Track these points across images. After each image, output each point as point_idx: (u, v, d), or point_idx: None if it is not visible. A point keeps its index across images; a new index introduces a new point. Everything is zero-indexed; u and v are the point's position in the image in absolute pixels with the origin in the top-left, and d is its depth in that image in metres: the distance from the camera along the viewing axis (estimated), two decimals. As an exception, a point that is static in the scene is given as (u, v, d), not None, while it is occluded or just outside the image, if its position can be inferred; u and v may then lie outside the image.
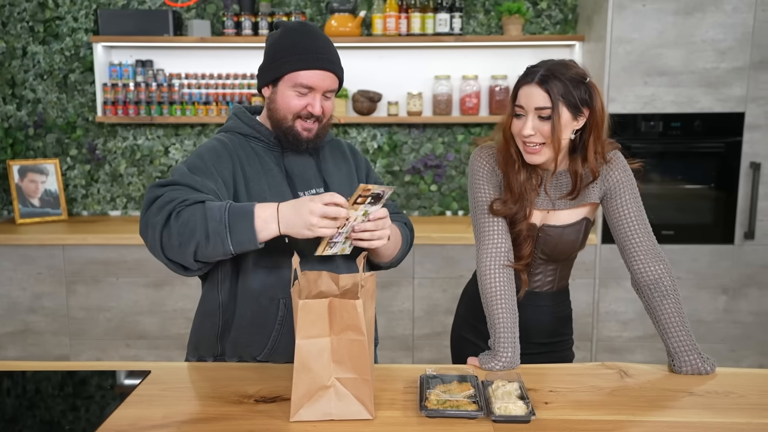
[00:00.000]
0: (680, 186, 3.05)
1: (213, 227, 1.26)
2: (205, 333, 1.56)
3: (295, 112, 1.46)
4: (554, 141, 1.45)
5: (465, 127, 3.43)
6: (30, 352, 3.11)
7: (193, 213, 1.28)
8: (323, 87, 1.46)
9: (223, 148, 1.46)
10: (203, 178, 1.38)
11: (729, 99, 2.91)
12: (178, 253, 1.30)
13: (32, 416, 1.31)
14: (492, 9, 3.34)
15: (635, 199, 1.56)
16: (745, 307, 3.05)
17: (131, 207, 3.52)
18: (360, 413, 1.24)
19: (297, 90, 1.45)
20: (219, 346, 1.54)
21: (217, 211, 1.27)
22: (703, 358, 1.48)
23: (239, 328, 1.51)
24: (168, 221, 1.29)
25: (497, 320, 1.51)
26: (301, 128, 1.48)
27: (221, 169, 1.43)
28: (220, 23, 3.35)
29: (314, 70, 1.44)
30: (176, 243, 1.29)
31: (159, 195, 1.33)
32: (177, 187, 1.35)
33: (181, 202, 1.30)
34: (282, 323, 1.49)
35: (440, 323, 3.06)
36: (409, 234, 1.69)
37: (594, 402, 1.34)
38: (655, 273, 1.52)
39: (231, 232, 1.27)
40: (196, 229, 1.27)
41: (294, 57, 1.44)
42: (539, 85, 1.44)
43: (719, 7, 2.84)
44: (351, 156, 1.65)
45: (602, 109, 1.48)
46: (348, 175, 1.61)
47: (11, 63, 3.39)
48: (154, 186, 1.36)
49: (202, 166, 1.41)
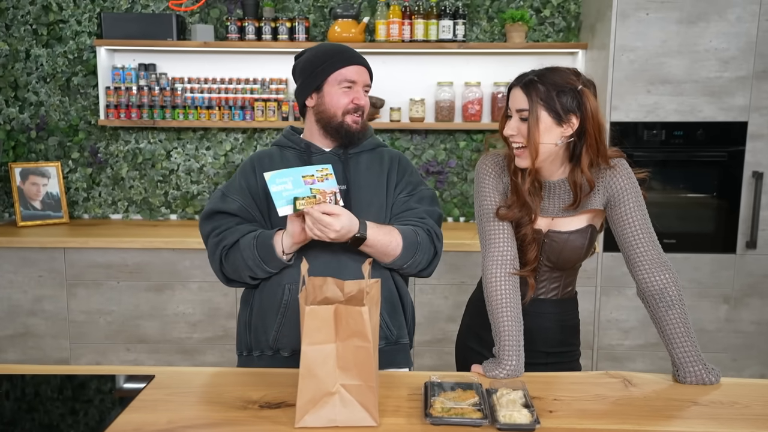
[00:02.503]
0: (682, 195, 3.05)
1: (252, 264, 1.62)
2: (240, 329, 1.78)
3: (344, 107, 1.67)
4: (530, 143, 1.46)
5: (467, 134, 3.43)
6: (30, 355, 3.10)
7: (235, 257, 1.64)
8: (363, 81, 1.70)
9: (249, 165, 1.76)
10: (234, 197, 1.71)
11: (732, 108, 2.91)
12: (242, 284, 1.71)
13: (31, 420, 1.31)
14: (495, 16, 3.35)
15: (640, 208, 1.55)
16: (747, 317, 3.04)
17: (132, 210, 3.52)
18: (365, 420, 1.24)
19: (343, 87, 1.67)
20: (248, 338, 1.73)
21: (249, 251, 1.61)
22: (707, 369, 1.48)
23: (257, 314, 1.71)
24: (222, 265, 1.68)
25: (502, 328, 1.51)
26: (351, 122, 1.69)
27: (250, 184, 1.73)
28: (223, 28, 3.35)
29: (354, 65, 1.68)
30: (235, 278, 1.69)
31: (207, 233, 1.70)
32: (215, 218, 1.70)
33: (224, 247, 1.65)
34: (286, 308, 1.66)
35: (442, 330, 3.05)
36: (426, 240, 1.68)
37: (599, 411, 1.33)
38: (660, 283, 1.51)
39: (266, 264, 1.61)
40: (242, 269, 1.64)
41: (334, 60, 1.67)
42: (521, 89, 1.48)
43: (723, 17, 2.85)
44: (390, 162, 1.77)
45: (595, 118, 1.47)
46: (376, 180, 1.73)
47: (14, 66, 3.39)
48: (202, 219, 1.72)
49: (235, 185, 1.74)
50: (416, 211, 1.71)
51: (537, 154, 1.47)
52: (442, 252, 1.73)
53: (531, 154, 1.47)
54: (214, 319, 3.07)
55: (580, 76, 1.49)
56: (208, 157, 3.47)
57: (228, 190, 1.72)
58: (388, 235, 1.62)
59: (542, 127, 1.46)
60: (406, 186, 1.75)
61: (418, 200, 1.74)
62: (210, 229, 1.69)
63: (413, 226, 1.68)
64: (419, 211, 1.71)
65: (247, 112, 3.30)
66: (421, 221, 1.70)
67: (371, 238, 1.58)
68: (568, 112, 1.46)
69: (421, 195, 1.75)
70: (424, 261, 1.69)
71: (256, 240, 1.60)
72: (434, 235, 1.70)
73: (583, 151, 1.49)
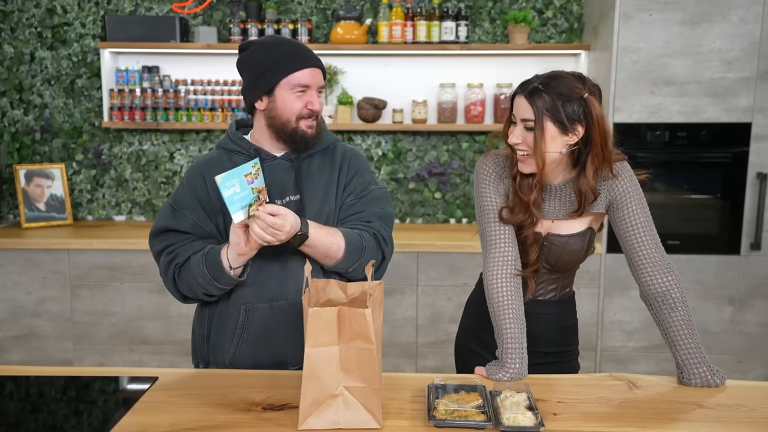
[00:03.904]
0: (686, 196, 3.04)
1: (203, 282, 1.54)
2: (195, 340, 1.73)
3: (297, 112, 1.57)
4: (536, 153, 1.45)
5: (469, 135, 3.43)
6: (34, 355, 3.11)
7: (187, 276, 1.57)
8: (317, 83, 1.59)
9: (197, 174, 1.64)
10: (185, 212, 1.61)
11: (736, 109, 2.91)
12: (196, 300, 1.65)
13: (35, 420, 1.31)
14: (498, 17, 3.35)
15: (643, 210, 1.54)
16: (751, 319, 3.03)
17: (136, 212, 3.53)
18: (368, 422, 1.24)
19: (296, 91, 1.56)
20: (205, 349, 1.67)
21: (199, 269, 1.54)
22: (712, 371, 1.47)
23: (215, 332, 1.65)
24: (176, 283, 1.60)
25: (504, 330, 1.50)
26: (305, 127, 1.59)
27: (200, 196, 1.62)
28: (226, 30, 3.36)
29: (307, 68, 1.57)
30: (190, 295, 1.62)
31: (158, 251, 1.62)
32: (167, 236, 1.62)
33: (176, 265, 1.58)
34: (243, 328, 1.60)
35: (444, 331, 3.05)
36: (373, 244, 1.61)
37: (603, 414, 1.33)
38: (663, 285, 1.50)
39: (217, 281, 1.54)
40: (195, 287, 1.57)
41: (284, 62, 1.55)
42: (526, 98, 1.46)
43: (726, 18, 2.84)
44: (341, 163, 1.67)
45: (600, 126, 1.45)
46: (327, 183, 1.65)
47: (19, 68, 3.41)
48: (152, 236, 1.63)
49: (186, 199, 1.64)
50: (363, 214, 1.64)
51: (544, 164, 1.46)
52: (391, 256, 1.66)
53: (537, 164, 1.47)
54: (218, 321, 3.07)
55: (585, 83, 1.47)
56: (212, 158, 3.47)
57: (178, 204, 1.62)
58: (331, 236, 1.54)
59: (548, 137, 1.45)
60: (355, 188, 1.67)
61: (368, 202, 1.65)
62: (161, 248, 1.61)
63: (359, 230, 1.60)
64: (366, 214, 1.64)
65: (251, 113, 3.30)
66: (367, 225, 1.62)
67: (313, 237, 1.50)
68: (574, 121, 1.45)
69: (371, 196, 1.67)
70: (352, 264, 1.60)
71: (205, 257, 1.53)
72: (381, 238, 1.62)
73: (588, 160, 1.48)
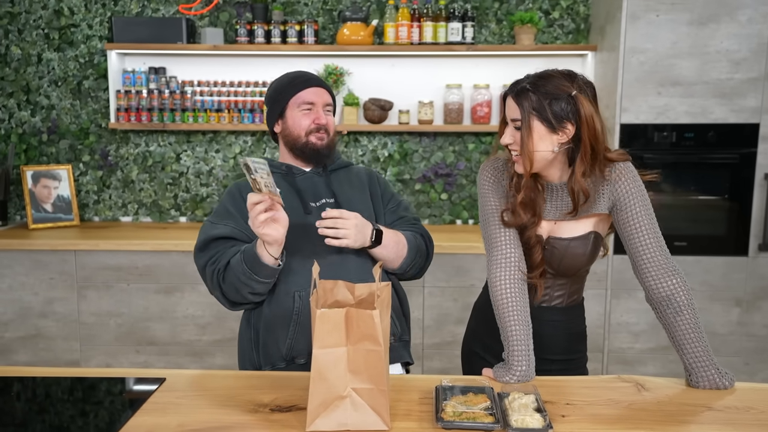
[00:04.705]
0: (693, 197, 3.03)
1: (245, 279, 1.58)
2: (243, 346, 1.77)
3: (306, 127, 1.74)
4: (524, 152, 1.46)
5: (476, 136, 3.42)
6: (41, 356, 3.12)
7: (230, 277, 1.61)
8: (322, 101, 1.76)
9: (233, 190, 1.78)
10: (225, 222, 1.70)
11: (743, 110, 2.89)
12: (245, 305, 1.69)
13: (42, 421, 1.31)
14: (504, 18, 3.34)
15: (647, 211, 1.52)
16: (759, 320, 3.02)
17: (142, 213, 3.54)
18: (376, 424, 1.23)
19: (303, 110, 1.74)
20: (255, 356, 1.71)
21: (239, 266, 1.58)
22: (721, 373, 1.46)
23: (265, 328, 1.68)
24: (221, 289, 1.65)
25: (510, 333, 1.49)
26: (315, 139, 1.75)
27: (237, 207, 1.73)
28: (233, 31, 3.37)
29: (310, 87, 1.75)
30: (237, 299, 1.66)
31: (203, 264, 1.67)
32: (209, 246, 1.68)
33: (218, 272, 1.63)
34: (299, 314, 1.65)
35: (450, 333, 3.05)
36: (423, 243, 1.82)
37: (612, 416, 1.32)
38: (668, 289, 1.49)
39: (257, 274, 1.57)
40: (240, 286, 1.61)
41: (291, 85, 1.76)
42: (514, 99, 1.48)
43: (734, 18, 2.83)
44: (368, 176, 1.86)
45: (589, 124, 1.44)
46: (359, 190, 1.80)
47: (26, 69, 3.42)
48: (197, 252, 1.69)
49: (223, 211, 1.75)
50: (407, 218, 1.83)
51: (531, 163, 1.46)
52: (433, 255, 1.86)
53: (524, 164, 1.47)
54: (224, 322, 3.07)
55: (575, 80, 1.46)
56: (218, 159, 3.48)
57: (216, 219, 1.72)
58: (395, 234, 1.71)
59: (536, 137, 1.45)
60: (390, 198, 1.86)
61: (404, 209, 1.86)
62: (206, 260, 1.67)
63: (409, 230, 1.78)
64: (408, 218, 1.83)
65: (257, 114, 3.31)
66: (414, 227, 1.81)
67: (385, 236, 1.67)
68: (562, 119, 1.44)
69: (403, 204, 1.87)
70: (421, 263, 1.81)
71: (243, 254, 1.59)
72: (427, 238, 1.83)
73: (578, 159, 1.47)
